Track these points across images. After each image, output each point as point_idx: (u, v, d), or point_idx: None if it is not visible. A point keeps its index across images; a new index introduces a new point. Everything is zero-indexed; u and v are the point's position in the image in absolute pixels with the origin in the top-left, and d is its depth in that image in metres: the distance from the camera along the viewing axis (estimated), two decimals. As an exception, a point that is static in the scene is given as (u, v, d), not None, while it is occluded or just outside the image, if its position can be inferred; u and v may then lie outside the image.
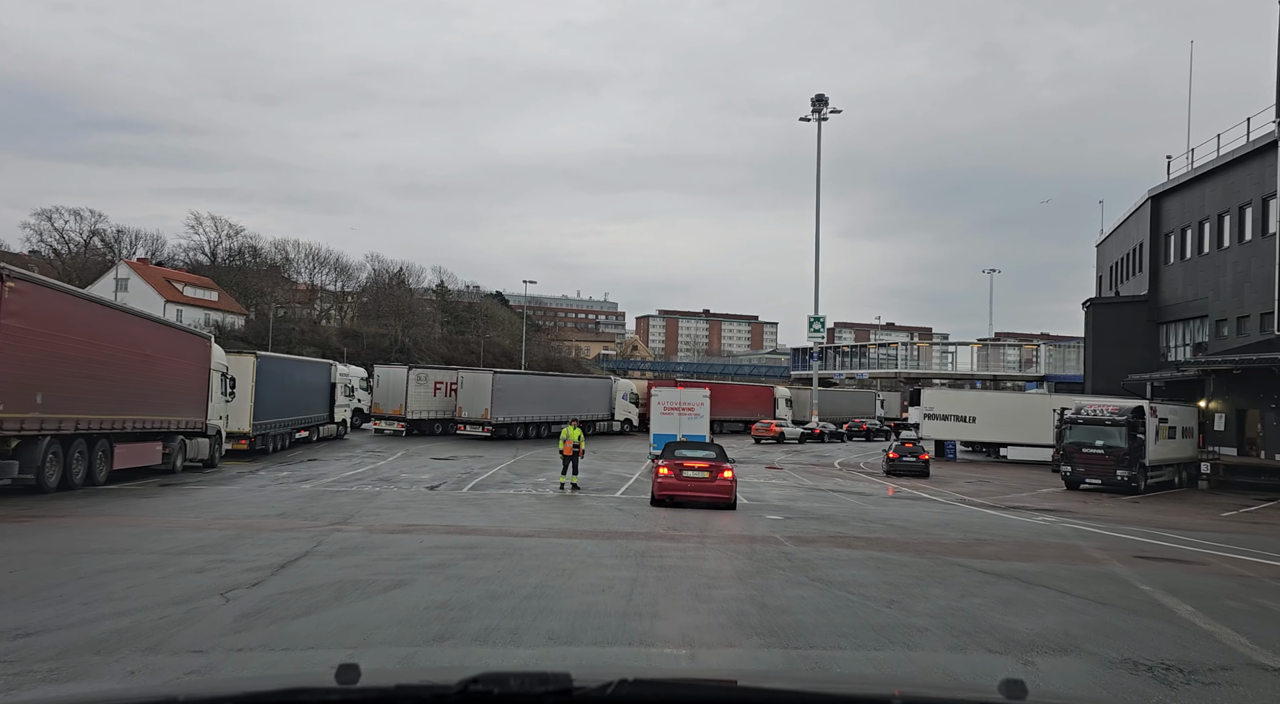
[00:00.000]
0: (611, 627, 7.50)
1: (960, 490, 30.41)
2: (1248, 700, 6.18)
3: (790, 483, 30.67)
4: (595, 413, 54.25)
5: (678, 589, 9.35)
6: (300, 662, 6.12)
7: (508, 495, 21.21)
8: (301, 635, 6.92)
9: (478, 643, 6.75)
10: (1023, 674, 3.92)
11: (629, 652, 6.77)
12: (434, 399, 48.22)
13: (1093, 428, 31.66)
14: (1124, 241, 53.60)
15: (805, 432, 55.47)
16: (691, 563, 11.19)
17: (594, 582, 9.57)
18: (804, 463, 41.62)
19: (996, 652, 7.12)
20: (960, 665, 6.66)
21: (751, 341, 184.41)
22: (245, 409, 31.95)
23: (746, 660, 6.63)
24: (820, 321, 58.81)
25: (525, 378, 51.12)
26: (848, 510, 21.27)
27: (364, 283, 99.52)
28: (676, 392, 42.92)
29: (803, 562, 11.62)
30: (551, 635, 7.07)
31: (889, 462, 35.87)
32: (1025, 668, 6.51)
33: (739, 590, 9.43)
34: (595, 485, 25.44)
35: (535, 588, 9.08)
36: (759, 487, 28.22)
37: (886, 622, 8.10)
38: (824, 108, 58.89)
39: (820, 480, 32.30)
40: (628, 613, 8.04)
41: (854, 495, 26.75)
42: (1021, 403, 45.60)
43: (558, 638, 7.00)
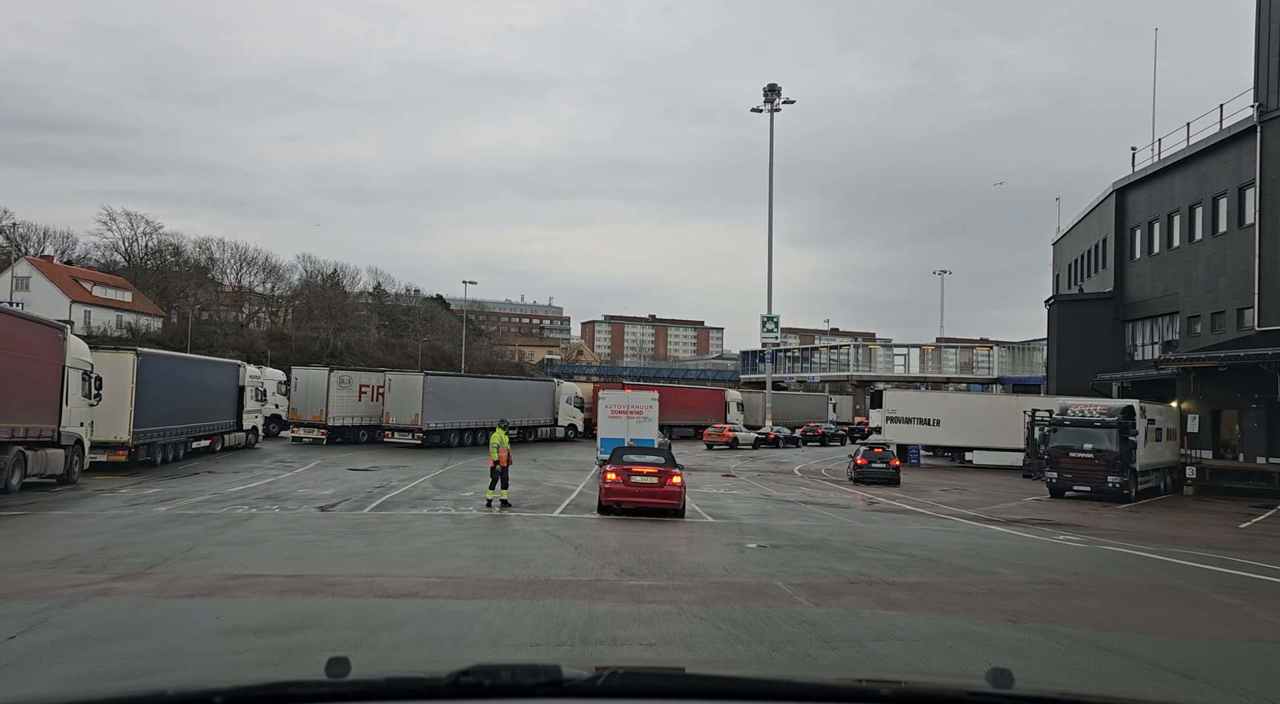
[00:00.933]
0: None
1: (941, 500, 26.81)
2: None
3: (754, 493, 26.73)
4: (538, 418, 49.81)
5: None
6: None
7: (417, 518, 16.78)
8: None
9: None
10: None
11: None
12: (359, 404, 43.27)
13: (1081, 430, 28.38)
14: (1084, 238, 51.14)
15: (759, 436, 51.81)
16: (668, 652, 6.94)
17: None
18: (762, 469, 37.81)
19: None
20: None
21: (698, 347, 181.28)
22: (123, 415, 26.91)
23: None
24: (774, 322, 55.27)
25: (460, 381, 46.45)
26: (837, 530, 17.34)
27: (296, 285, 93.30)
28: (624, 395, 38.90)
29: (845, 639, 7.48)
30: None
31: (857, 468, 32.22)
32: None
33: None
34: (532, 500, 21.14)
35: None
36: (721, 498, 24.20)
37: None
38: (776, 98, 55.50)
39: (786, 490, 28.44)
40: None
41: (831, 508, 22.89)
42: (988, 405, 42.62)
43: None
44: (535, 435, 49.64)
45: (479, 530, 15.09)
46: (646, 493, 17.39)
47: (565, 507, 20.17)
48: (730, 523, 18.15)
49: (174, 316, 78.38)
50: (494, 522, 16.68)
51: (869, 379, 74.22)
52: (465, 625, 7.38)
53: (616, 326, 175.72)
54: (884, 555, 13.28)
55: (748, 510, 21.30)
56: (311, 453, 37.02)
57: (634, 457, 18.53)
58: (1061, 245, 56.78)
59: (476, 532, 14.86)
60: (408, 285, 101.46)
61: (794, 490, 28.49)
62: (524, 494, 22.51)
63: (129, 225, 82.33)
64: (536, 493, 23.35)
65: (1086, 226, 50.65)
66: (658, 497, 17.38)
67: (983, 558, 13.59)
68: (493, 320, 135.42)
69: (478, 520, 16.78)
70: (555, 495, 22.82)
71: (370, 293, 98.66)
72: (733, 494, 26.01)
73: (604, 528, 15.97)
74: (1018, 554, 14.48)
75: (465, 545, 12.74)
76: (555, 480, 28.26)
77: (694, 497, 24.08)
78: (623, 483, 17.48)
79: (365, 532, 14.15)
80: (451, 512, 18.11)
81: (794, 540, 14.94)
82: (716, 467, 38.43)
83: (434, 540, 13.36)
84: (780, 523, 18.44)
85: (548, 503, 20.73)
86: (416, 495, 21.53)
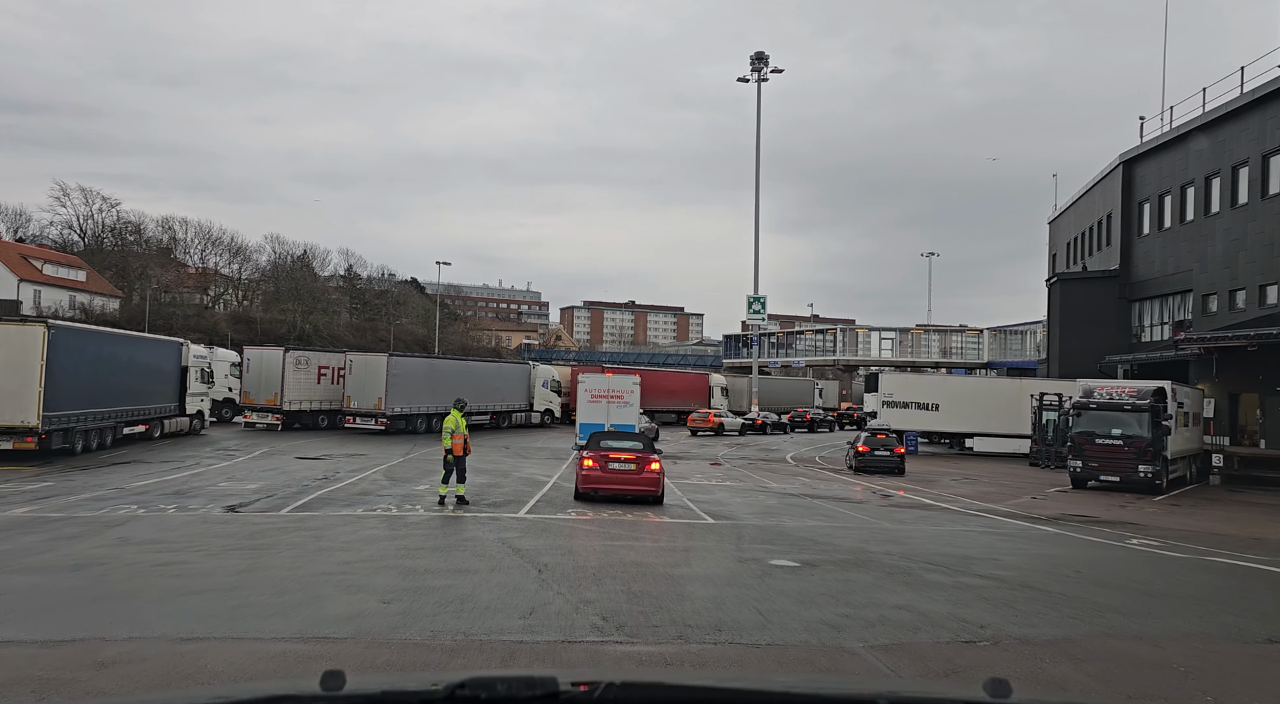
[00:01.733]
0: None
1: (957, 493, 23.70)
2: None
3: (749, 484, 23.48)
4: (512, 403, 46.30)
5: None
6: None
7: (343, 522, 13.29)
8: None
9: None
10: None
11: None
12: (318, 387, 39.57)
13: (1108, 414, 25.33)
14: (1085, 215, 48.25)
15: (746, 422, 48.62)
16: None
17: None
18: (752, 458, 34.60)
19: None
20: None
21: (678, 333, 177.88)
22: (31, 396, 23.20)
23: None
24: (761, 302, 52.00)
25: (428, 362, 42.80)
26: (868, 534, 14.11)
27: (264, 267, 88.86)
28: (604, 378, 35.59)
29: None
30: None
31: (858, 456, 29.07)
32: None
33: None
34: (495, 495, 17.73)
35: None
36: (714, 492, 20.92)
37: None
38: (764, 67, 52.05)
39: (784, 481, 25.22)
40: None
41: (842, 504, 19.66)
42: (990, 389, 39.62)
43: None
44: (510, 421, 46.16)
45: (416, 541, 11.61)
46: (624, 480, 16.64)
47: (534, 503, 16.77)
48: (734, 524, 14.88)
49: (135, 298, 74.05)
50: (441, 526, 13.28)
51: (855, 363, 71.30)
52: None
53: (596, 312, 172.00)
54: (961, 578, 9.91)
55: (749, 507, 18.01)
56: (263, 440, 33.37)
57: (612, 442, 17.70)
58: (1059, 224, 53.90)
59: (411, 543, 11.37)
60: (381, 267, 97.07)
61: (792, 481, 25.28)
62: (488, 488, 19.10)
63: (84, 201, 77.47)
64: (503, 486, 19.94)
65: (1088, 203, 47.73)
66: (636, 483, 16.65)
67: (1096, 583, 10.26)
68: (469, 305, 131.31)
69: (421, 524, 13.36)
70: (525, 489, 19.42)
71: (342, 275, 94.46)
72: (726, 486, 22.74)
73: (579, 536, 12.62)
74: (1124, 574, 11.28)
75: (384, 569, 9.25)
76: (527, 470, 24.88)
77: (685, 489, 20.79)
78: (600, 469, 16.69)
79: (259, 545, 10.61)
80: (392, 512, 14.66)
81: (826, 552, 11.63)
82: (703, 454, 35.18)
83: (345, 559, 9.84)
84: (793, 524, 15.18)
85: (514, 499, 17.32)
86: (359, 490, 18.05)
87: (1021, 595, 9.19)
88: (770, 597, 8.50)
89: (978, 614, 8.11)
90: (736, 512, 16.86)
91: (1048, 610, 8.48)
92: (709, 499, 18.99)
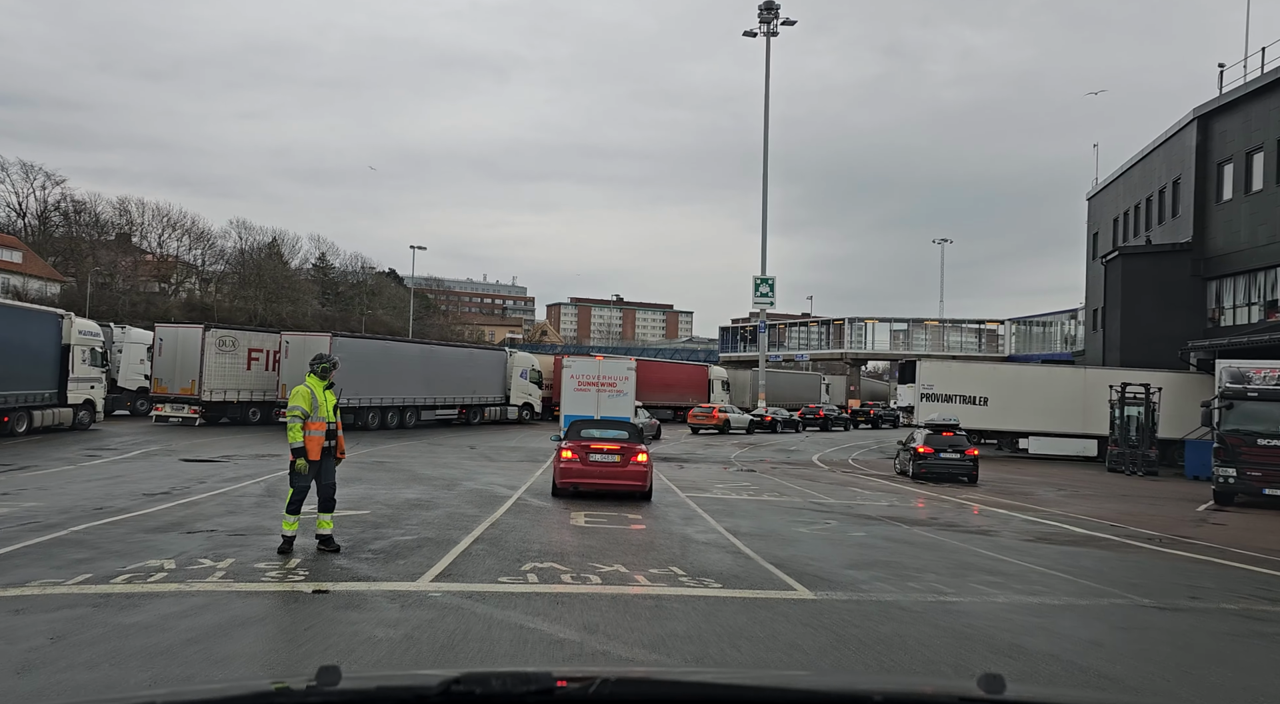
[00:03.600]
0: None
1: (1075, 511, 16.73)
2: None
3: (795, 499, 16.41)
4: (485, 395, 39.05)
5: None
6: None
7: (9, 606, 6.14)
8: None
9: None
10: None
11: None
12: (247, 374, 32.23)
13: (1275, 406, 18.44)
14: (1140, 184, 41.51)
15: (754, 419, 41.59)
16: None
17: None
18: (773, 460, 27.57)
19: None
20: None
21: (667, 331, 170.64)
22: None
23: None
24: (770, 284, 45.02)
25: (381, 345, 35.44)
26: (1119, 617, 7.14)
27: (230, 253, 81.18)
28: (594, 363, 28.54)
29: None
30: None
31: (919, 459, 22.10)
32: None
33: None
34: (405, 529, 10.57)
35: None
36: (753, 512, 13.83)
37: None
38: (774, 19, 45.08)
39: (832, 493, 18.18)
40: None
41: (958, 533, 12.56)
42: (1049, 380, 32.79)
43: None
44: (482, 416, 38.90)
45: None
46: (608, 473, 14.56)
47: (463, 550, 9.39)
48: (854, 604, 7.68)
49: (90, 283, 66.56)
50: (205, 636, 6.08)
51: (864, 357, 64.47)
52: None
53: (583, 308, 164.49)
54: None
55: (831, 546, 10.86)
56: (164, 438, 26.06)
57: (594, 431, 15.43)
58: (1101, 199, 47.18)
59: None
60: (355, 255, 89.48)
61: (844, 493, 18.24)
62: (405, 511, 11.98)
63: (24, 178, 69.49)
64: (432, 507, 12.73)
65: (1144, 171, 40.99)
66: (620, 477, 14.57)
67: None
68: (452, 300, 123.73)
69: (175, 621, 6.21)
70: (465, 515, 12.15)
71: (314, 264, 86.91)
72: (766, 504, 15.65)
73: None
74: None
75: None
76: (487, 478, 17.73)
77: (714, 511, 13.72)
78: (580, 462, 14.58)
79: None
80: (162, 573, 7.48)
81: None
82: (713, 456, 28.12)
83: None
84: (955, 596, 8.05)
85: (433, 539, 9.98)
86: (180, 519, 10.79)
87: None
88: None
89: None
90: (822, 560, 9.73)
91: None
92: (758, 530, 11.90)
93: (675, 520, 12.54)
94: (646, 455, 14.65)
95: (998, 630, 6.76)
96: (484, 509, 12.71)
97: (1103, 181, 47.08)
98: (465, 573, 8.17)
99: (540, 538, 10.30)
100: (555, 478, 14.84)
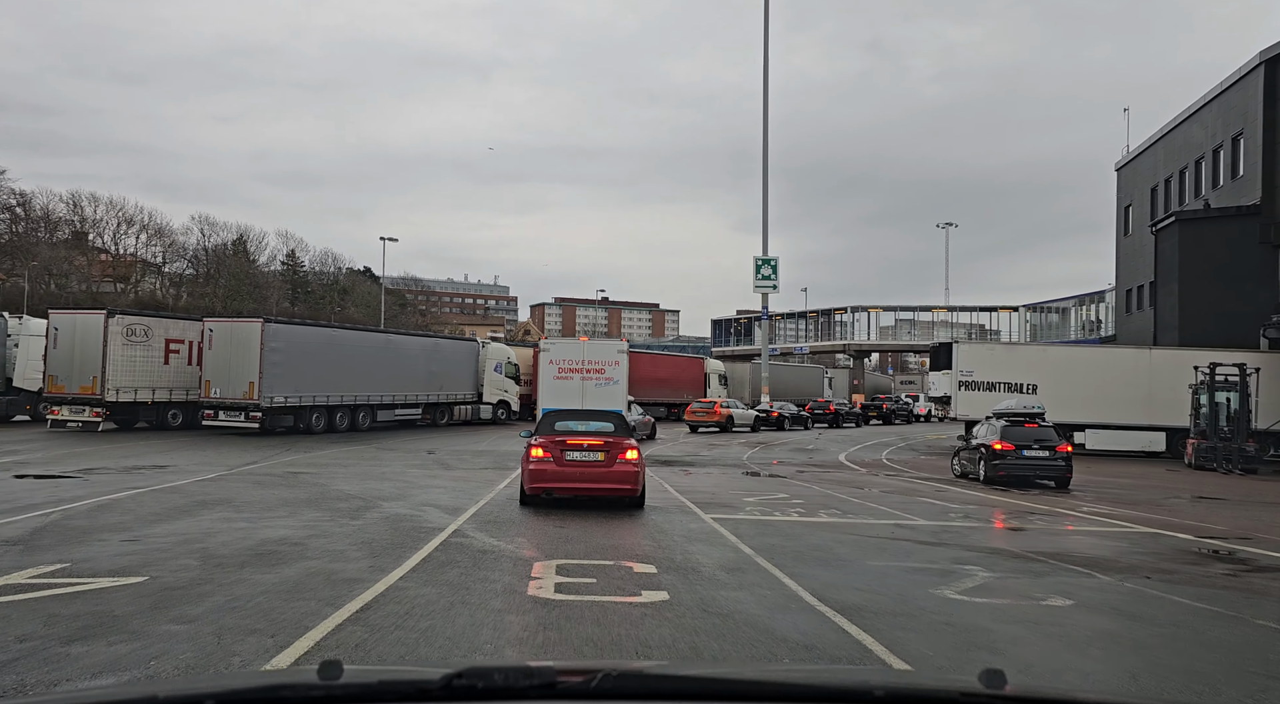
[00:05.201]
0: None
1: (1243, 526, 11.55)
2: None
3: (868, 517, 11.13)
4: (454, 391, 33.59)
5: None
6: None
7: None
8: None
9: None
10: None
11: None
12: (165, 369, 26.66)
13: None
14: (1187, 145, 36.62)
15: (760, 415, 36.33)
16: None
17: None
18: (798, 463, 22.36)
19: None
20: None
21: (653, 330, 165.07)
22: None
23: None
24: (772, 265, 39.81)
25: (327, 333, 29.81)
26: None
27: (190, 249, 75.16)
28: (578, 345, 23.27)
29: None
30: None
31: (993, 458, 16.93)
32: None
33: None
34: (175, 634, 5.25)
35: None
36: (804, 538, 8.53)
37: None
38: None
39: (903, 507, 12.91)
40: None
41: (1219, 592, 7.28)
42: (1111, 363, 27.72)
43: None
44: (451, 417, 33.44)
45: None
46: (588, 475, 11.30)
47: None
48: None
49: (41, 282, 60.59)
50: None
51: (868, 348, 59.42)
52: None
53: (568, 308, 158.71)
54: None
55: (1060, 639, 5.60)
56: (44, 446, 20.55)
57: (571, 424, 12.28)
58: (1135, 168, 42.29)
59: None
60: (325, 251, 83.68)
61: (913, 505, 13.00)
62: (225, 575, 6.63)
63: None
64: (283, 569, 7.34)
65: (1193, 129, 36.09)
66: (605, 480, 11.32)
67: None
68: (432, 301, 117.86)
69: None
70: (334, 584, 6.76)
71: (282, 261, 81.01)
72: (821, 523, 10.40)
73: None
74: None
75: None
76: (425, 496, 12.38)
77: (750, 538, 8.55)
78: (554, 462, 11.32)
79: None
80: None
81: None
82: (721, 458, 22.86)
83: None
84: None
85: (190, 667, 4.73)
86: None
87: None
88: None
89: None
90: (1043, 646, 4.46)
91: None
92: (875, 601, 6.59)
93: (717, 575, 7.24)
94: (637, 452, 11.75)
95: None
96: (384, 558, 7.37)
97: (1135, 149, 42.21)
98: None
99: (454, 646, 4.95)
100: (523, 483, 11.91)
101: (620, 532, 9.57)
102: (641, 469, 11.77)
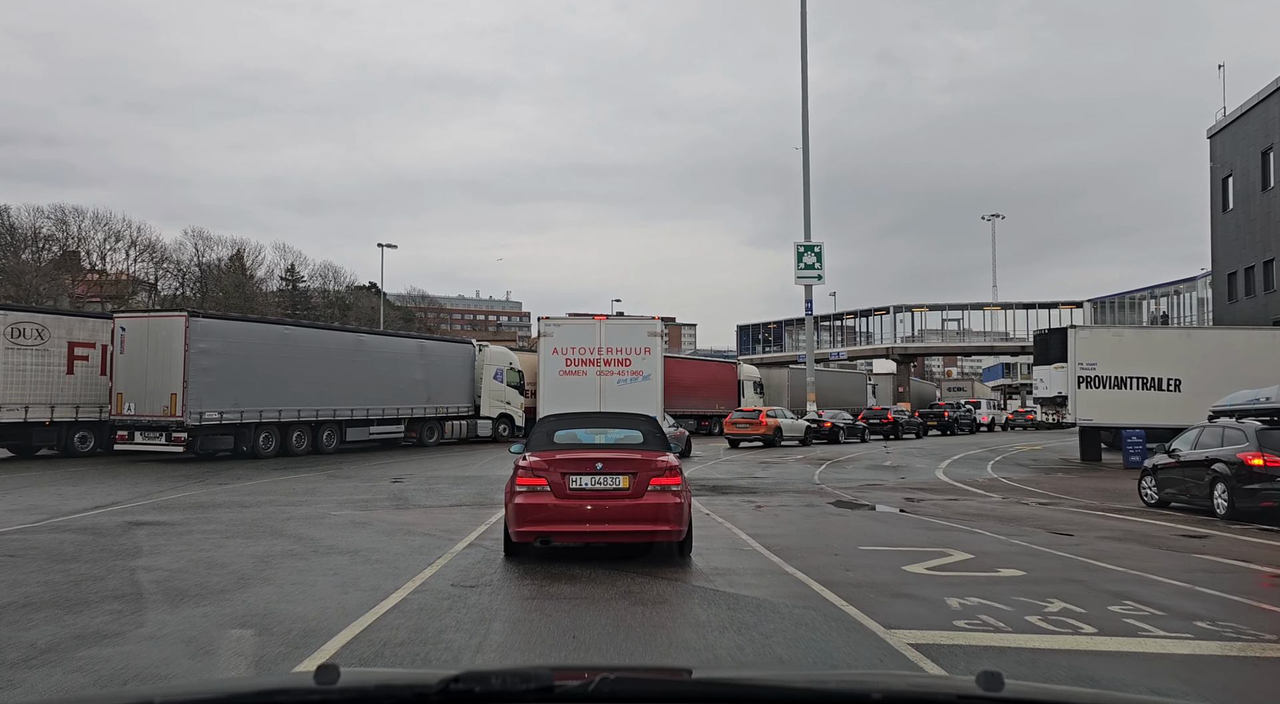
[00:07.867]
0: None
1: None
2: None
3: (1154, 610, 4.79)
4: (445, 404, 27.36)
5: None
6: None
7: None
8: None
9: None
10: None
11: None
12: (69, 379, 20.64)
13: None
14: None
15: (811, 424, 29.88)
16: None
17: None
18: (887, 484, 15.99)
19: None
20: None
21: (670, 343, 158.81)
22: None
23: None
24: (815, 252, 33.52)
25: (279, 332, 23.55)
26: None
27: (184, 265, 69.72)
28: (592, 327, 16.65)
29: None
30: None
31: (1246, 478, 10.52)
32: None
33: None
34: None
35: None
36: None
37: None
38: None
39: (1144, 566, 6.50)
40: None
41: None
42: (1275, 348, 21.21)
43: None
44: (441, 434, 27.19)
45: None
46: (606, 513, 7.17)
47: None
48: None
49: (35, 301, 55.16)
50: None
51: (914, 352, 52.84)
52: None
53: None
54: None
55: None
56: None
57: (578, 434, 8.43)
58: (1234, 131, 35.73)
59: None
60: (325, 264, 78.09)
61: (1162, 563, 6.59)
62: None
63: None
64: None
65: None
66: (631, 520, 7.20)
67: None
68: (443, 317, 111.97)
69: None
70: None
71: (281, 275, 75.59)
72: (1105, 633, 3.98)
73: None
74: None
75: None
76: (289, 583, 6.03)
77: None
78: (552, 492, 7.23)
79: None
80: None
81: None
82: (787, 481, 16.48)
83: None
84: None
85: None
86: None
87: None
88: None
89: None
90: None
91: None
92: None
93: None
94: (680, 477, 7.47)
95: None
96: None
97: (1234, 111, 35.72)
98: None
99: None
100: (508, 523, 7.69)
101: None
102: (686, 500, 7.67)
